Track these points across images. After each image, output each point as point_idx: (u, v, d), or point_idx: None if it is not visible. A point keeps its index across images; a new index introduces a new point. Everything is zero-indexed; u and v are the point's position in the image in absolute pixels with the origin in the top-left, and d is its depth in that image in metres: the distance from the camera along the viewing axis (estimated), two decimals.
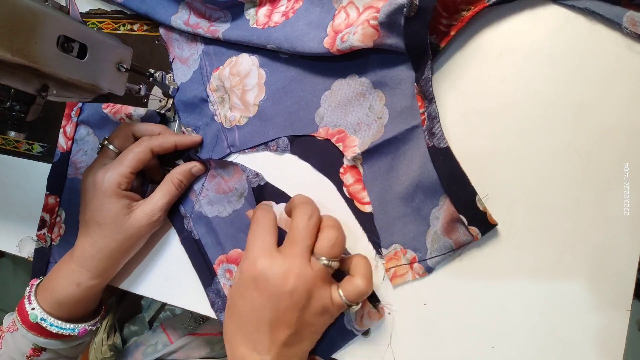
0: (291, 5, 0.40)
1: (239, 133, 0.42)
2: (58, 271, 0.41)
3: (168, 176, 0.42)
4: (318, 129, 0.40)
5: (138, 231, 0.40)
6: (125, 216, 0.39)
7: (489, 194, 0.34)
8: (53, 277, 0.41)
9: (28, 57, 0.29)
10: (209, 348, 0.59)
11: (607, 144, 0.31)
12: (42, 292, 0.41)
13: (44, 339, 0.41)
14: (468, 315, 0.34)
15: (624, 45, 0.31)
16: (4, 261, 1.59)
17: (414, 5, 0.31)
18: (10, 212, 0.52)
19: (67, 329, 0.41)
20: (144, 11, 0.46)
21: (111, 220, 0.39)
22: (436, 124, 0.34)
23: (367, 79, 0.38)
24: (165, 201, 0.41)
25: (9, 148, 0.54)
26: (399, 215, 0.36)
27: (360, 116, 0.38)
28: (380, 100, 0.37)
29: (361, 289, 0.33)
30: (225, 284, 0.41)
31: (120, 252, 0.41)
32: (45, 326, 0.40)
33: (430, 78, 0.34)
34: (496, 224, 0.32)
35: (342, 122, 0.39)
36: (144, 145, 0.40)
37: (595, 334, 0.31)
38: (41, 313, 0.40)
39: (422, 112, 0.35)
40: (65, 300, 0.40)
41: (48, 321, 0.40)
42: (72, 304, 0.41)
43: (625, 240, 0.31)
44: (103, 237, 0.39)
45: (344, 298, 0.33)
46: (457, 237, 0.34)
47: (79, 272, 0.40)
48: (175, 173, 0.42)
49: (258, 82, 0.42)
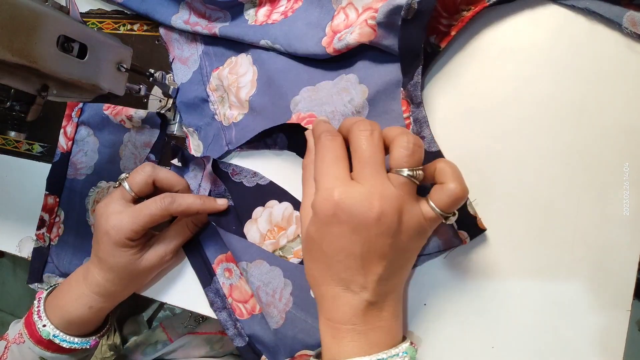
0: (290, 5, 0.40)
1: (235, 130, 0.42)
2: (69, 291, 0.41)
3: (184, 221, 0.42)
4: (291, 116, 0.39)
5: (149, 271, 0.42)
6: (136, 261, 0.40)
7: (477, 198, 0.34)
8: (63, 296, 0.41)
9: (28, 57, 0.29)
10: (208, 347, 0.59)
11: (607, 144, 0.31)
12: (52, 309, 0.41)
13: (51, 353, 0.41)
14: (468, 315, 0.34)
15: (624, 45, 0.31)
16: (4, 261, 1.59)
17: (412, 8, 0.31)
18: (10, 212, 0.52)
19: (79, 344, 0.42)
20: (144, 11, 0.46)
21: (122, 267, 0.40)
22: (425, 128, 0.34)
23: (354, 74, 0.37)
24: (178, 243, 0.42)
25: (9, 148, 0.54)
26: None
27: (337, 105, 0.37)
28: (363, 94, 0.36)
29: (457, 194, 0.28)
30: (224, 282, 0.41)
31: (132, 287, 0.43)
32: (58, 342, 0.41)
33: (420, 83, 0.34)
34: (485, 229, 0.33)
35: (315, 109, 0.38)
36: (164, 209, 0.38)
37: (595, 334, 0.31)
38: (53, 330, 0.40)
39: (407, 117, 0.35)
40: (76, 320, 0.41)
41: (60, 337, 0.41)
42: (83, 323, 0.42)
43: (625, 240, 0.31)
44: (115, 279, 0.40)
45: (438, 209, 0.29)
46: (446, 239, 0.34)
47: (91, 297, 0.41)
48: (192, 219, 0.42)
49: (252, 79, 0.41)
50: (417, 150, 0.29)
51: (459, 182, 0.28)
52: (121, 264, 0.39)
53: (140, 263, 0.40)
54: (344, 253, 0.29)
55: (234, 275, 0.41)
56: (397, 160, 0.28)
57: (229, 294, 0.41)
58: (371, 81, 0.36)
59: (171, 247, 0.41)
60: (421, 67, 0.33)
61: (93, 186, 0.48)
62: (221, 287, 0.41)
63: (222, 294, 0.41)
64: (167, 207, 0.38)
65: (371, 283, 0.29)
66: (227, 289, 0.41)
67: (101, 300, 0.41)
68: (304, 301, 0.38)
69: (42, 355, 0.41)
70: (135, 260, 0.40)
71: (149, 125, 0.46)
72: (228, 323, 0.40)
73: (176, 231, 0.42)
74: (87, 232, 0.48)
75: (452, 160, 0.34)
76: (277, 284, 0.38)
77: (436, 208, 0.29)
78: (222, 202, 0.41)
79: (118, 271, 0.40)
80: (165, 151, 0.46)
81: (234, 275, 0.41)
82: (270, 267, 0.39)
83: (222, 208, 0.41)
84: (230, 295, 0.41)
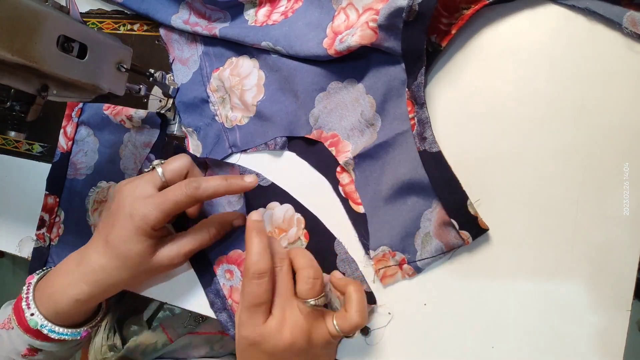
0: (290, 5, 0.40)
1: (240, 133, 0.42)
2: (59, 278, 0.39)
3: (206, 223, 0.40)
4: (312, 131, 0.40)
5: (154, 270, 0.39)
6: (148, 255, 0.37)
7: (480, 198, 0.34)
8: (52, 283, 0.39)
9: (28, 57, 0.29)
10: (208, 347, 0.59)
11: (607, 144, 0.31)
12: (41, 298, 0.39)
13: (40, 342, 0.40)
14: (468, 315, 0.34)
15: (624, 45, 0.31)
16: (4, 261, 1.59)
17: (414, 10, 0.31)
18: (10, 212, 0.52)
19: (68, 335, 0.40)
20: (144, 11, 0.46)
21: (132, 257, 0.37)
22: (427, 129, 0.34)
23: (362, 84, 0.37)
24: (193, 248, 0.39)
25: (9, 148, 0.54)
26: (389, 219, 0.36)
27: (353, 122, 0.38)
28: (372, 107, 0.37)
29: (356, 323, 0.33)
30: (225, 284, 0.41)
31: (128, 284, 0.41)
32: (46, 333, 0.39)
33: (422, 83, 0.34)
34: (487, 229, 0.33)
35: (336, 127, 0.39)
36: (189, 195, 0.36)
37: (595, 334, 0.31)
38: (41, 320, 0.38)
39: (412, 117, 0.35)
40: (64, 310, 0.39)
41: (48, 327, 0.39)
42: (72, 314, 0.40)
43: (625, 240, 0.31)
44: (117, 268, 0.37)
45: (340, 332, 0.34)
46: (448, 240, 0.34)
47: (80, 288, 0.38)
48: (215, 223, 0.40)
49: (257, 83, 0.41)
50: (316, 282, 0.34)
51: (360, 313, 0.33)
52: (133, 253, 0.37)
53: (150, 259, 0.38)
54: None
55: (234, 276, 0.41)
56: (301, 293, 0.34)
57: (229, 295, 0.41)
58: (376, 91, 0.37)
59: (185, 250, 0.38)
60: (424, 67, 0.33)
61: (93, 186, 0.48)
62: (221, 288, 0.41)
63: (222, 295, 0.41)
64: (193, 192, 0.36)
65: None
66: (227, 290, 0.41)
67: (89, 294, 0.38)
68: None
69: (31, 343, 0.39)
70: (147, 254, 0.37)
71: (149, 125, 0.46)
72: (229, 324, 0.40)
73: (194, 234, 0.39)
74: (87, 232, 0.48)
75: (452, 160, 0.34)
76: None
77: (339, 331, 0.34)
78: (249, 179, 0.37)
79: (125, 260, 0.37)
80: (166, 151, 0.46)
81: (234, 276, 0.41)
82: None
83: (252, 186, 0.37)
84: (230, 297, 0.41)
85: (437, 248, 0.34)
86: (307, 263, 0.35)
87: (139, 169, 0.46)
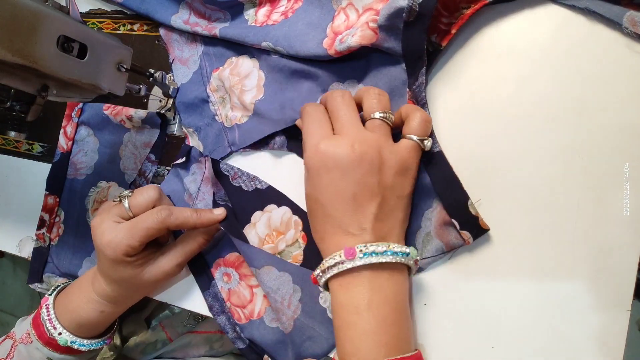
0: (290, 5, 0.40)
1: (238, 131, 0.42)
2: (79, 295, 0.41)
3: (193, 234, 0.40)
4: None
5: (153, 283, 0.40)
6: (138, 275, 0.39)
7: (481, 198, 0.34)
8: (73, 299, 0.41)
9: (28, 57, 0.29)
10: (208, 346, 0.59)
11: (607, 144, 0.31)
12: (62, 313, 0.41)
13: (59, 355, 0.41)
14: (468, 315, 0.34)
15: (624, 45, 0.31)
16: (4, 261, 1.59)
17: (414, 10, 0.32)
18: (10, 212, 0.52)
19: (94, 345, 0.42)
20: (144, 11, 0.46)
21: (125, 280, 0.39)
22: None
23: (362, 84, 0.37)
24: (184, 258, 0.40)
25: (9, 148, 0.54)
26: None
27: None
28: None
29: (424, 118, 0.32)
30: (223, 287, 0.41)
31: (142, 293, 0.43)
32: (77, 347, 0.41)
33: (424, 83, 0.34)
34: (488, 229, 0.33)
35: None
36: (160, 222, 0.37)
37: (595, 334, 0.31)
38: (70, 337, 0.40)
39: None
40: (87, 323, 0.41)
41: (79, 343, 0.41)
42: (94, 326, 0.42)
43: (625, 240, 0.31)
44: (119, 289, 0.40)
45: (413, 136, 0.32)
46: (448, 240, 0.34)
47: (102, 303, 0.40)
48: (203, 232, 0.40)
49: (257, 84, 0.41)
50: (382, 97, 0.33)
51: (422, 111, 0.33)
52: (124, 277, 0.39)
53: (144, 276, 0.39)
54: (337, 199, 0.31)
55: (232, 280, 0.41)
56: (368, 109, 0.33)
57: (227, 298, 0.41)
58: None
59: (176, 262, 0.40)
60: (425, 67, 0.33)
61: (93, 186, 0.48)
62: (219, 291, 0.41)
63: (220, 298, 0.41)
64: (164, 220, 0.37)
65: (368, 223, 0.31)
66: (225, 293, 0.41)
67: (112, 306, 0.41)
68: (312, 309, 0.37)
69: (50, 356, 0.41)
70: (137, 274, 0.39)
71: (149, 125, 0.46)
72: (227, 327, 0.40)
73: (183, 245, 0.40)
74: (87, 232, 0.48)
75: (453, 160, 0.34)
76: (287, 290, 0.38)
77: (412, 136, 0.32)
78: (218, 212, 0.40)
79: (122, 283, 0.39)
80: (166, 151, 0.46)
81: (232, 280, 0.41)
82: (280, 273, 0.38)
83: (220, 218, 0.39)
84: (228, 300, 0.41)
85: (438, 248, 0.34)
86: (368, 88, 0.34)
87: (139, 169, 0.46)
